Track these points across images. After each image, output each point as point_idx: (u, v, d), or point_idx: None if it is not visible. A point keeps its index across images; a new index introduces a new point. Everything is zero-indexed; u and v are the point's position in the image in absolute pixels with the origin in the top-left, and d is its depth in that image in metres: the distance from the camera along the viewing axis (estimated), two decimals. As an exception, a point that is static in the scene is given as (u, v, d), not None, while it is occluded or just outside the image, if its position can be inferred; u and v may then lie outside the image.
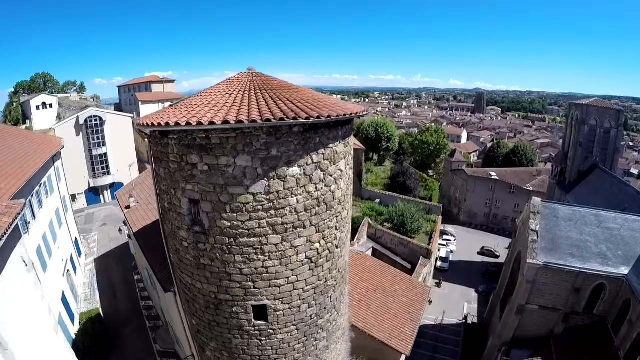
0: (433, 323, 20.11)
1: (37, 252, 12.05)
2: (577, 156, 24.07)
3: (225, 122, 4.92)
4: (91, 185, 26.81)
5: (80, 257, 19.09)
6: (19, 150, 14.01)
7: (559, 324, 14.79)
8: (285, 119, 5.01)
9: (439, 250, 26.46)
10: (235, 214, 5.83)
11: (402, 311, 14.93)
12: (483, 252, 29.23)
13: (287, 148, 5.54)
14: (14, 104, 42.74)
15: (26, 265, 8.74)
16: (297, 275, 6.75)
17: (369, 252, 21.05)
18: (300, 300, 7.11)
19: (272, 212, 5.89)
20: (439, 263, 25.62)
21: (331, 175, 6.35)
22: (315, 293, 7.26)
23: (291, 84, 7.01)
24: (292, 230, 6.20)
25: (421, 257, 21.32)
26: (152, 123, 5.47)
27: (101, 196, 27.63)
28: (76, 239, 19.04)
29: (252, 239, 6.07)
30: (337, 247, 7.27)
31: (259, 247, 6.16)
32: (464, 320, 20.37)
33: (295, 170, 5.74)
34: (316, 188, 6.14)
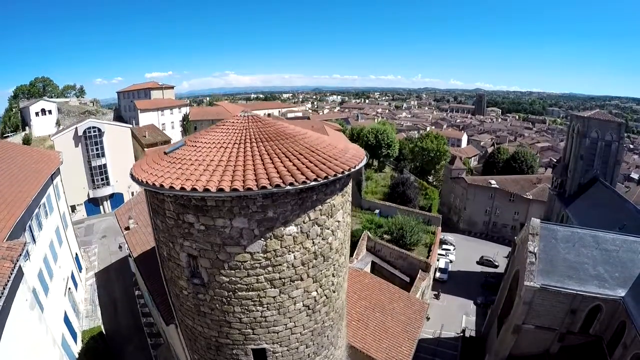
0: (431, 337, 20.28)
1: (39, 277, 12.08)
2: (577, 169, 23.98)
3: (220, 189, 4.92)
4: (91, 196, 26.85)
5: (80, 272, 19.17)
6: (17, 172, 13.94)
7: (554, 343, 14.94)
8: (281, 185, 5.02)
9: (438, 260, 26.54)
10: (233, 271, 5.88)
11: (400, 329, 15.06)
12: (482, 261, 29.28)
13: (283, 209, 5.56)
14: (13, 110, 42.65)
15: (30, 298, 8.80)
16: (294, 322, 6.83)
17: (368, 267, 21.16)
18: (297, 342, 7.20)
19: (270, 268, 5.93)
20: (437, 274, 25.66)
21: (328, 228, 6.37)
22: (312, 335, 7.35)
23: (288, 128, 6.84)
24: (290, 284, 6.25)
25: (420, 270, 21.42)
26: (147, 182, 5.47)
27: (101, 207, 27.69)
28: (76, 254, 19.11)
29: (250, 293, 6.13)
30: (334, 292, 7.33)
31: (257, 299, 6.22)
32: (461, 334, 20.55)
33: (292, 229, 5.77)
34: (313, 243, 6.17)
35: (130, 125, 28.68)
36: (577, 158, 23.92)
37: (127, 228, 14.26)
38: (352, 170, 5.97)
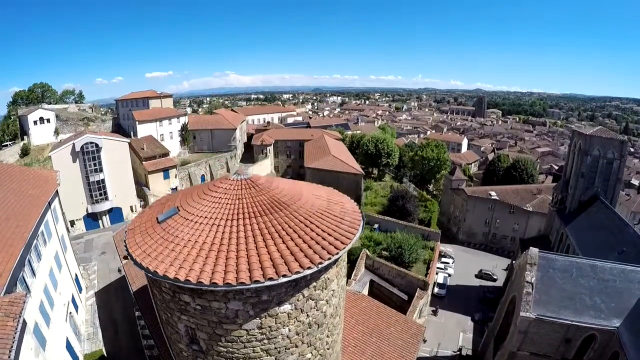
0: (428, 355, 20.47)
1: (40, 310, 12.07)
2: (578, 186, 23.82)
3: (214, 283, 4.93)
4: (89, 211, 26.80)
5: (80, 292, 19.25)
6: (14, 202, 13.64)
7: (550, 370, 15.07)
8: (274, 277, 5.02)
9: (437, 274, 26.60)
10: (230, 343, 5.93)
11: (397, 355, 15.17)
12: (481, 275, 29.29)
13: (277, 292, 5.58)
14: (12, 117, 42.51)
15: (34, 345, 8.81)
16: (290, 382, 6.89)
17: (367, 287, 21.25)
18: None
19: (265, 341, 5.97)
20: (436, 289, 25.69)
21: (322, 299, 6.39)
22: (308, 389, 7.41)
23: (282, 193, 6.61)
24: (285, 351, 6.30)
25: (418, 288, 21.54)
26: (141, 264, 5.50)
27: (100, 221, 27.70)
28: (76, 274, 19.16)
29: (246, 361, 6.18)
30: (328, 349, 7.38)
31: (253, 366, 6.26)
32: (458, 352, 20.75)
33: (286, 307, 5.79)
34: (307, 315, 6.19)
35: (128, 140, 28.44)
36: (578, 176, 23.76)
37: (126, 257, 14.24)
38: (348, 246, 5.96)
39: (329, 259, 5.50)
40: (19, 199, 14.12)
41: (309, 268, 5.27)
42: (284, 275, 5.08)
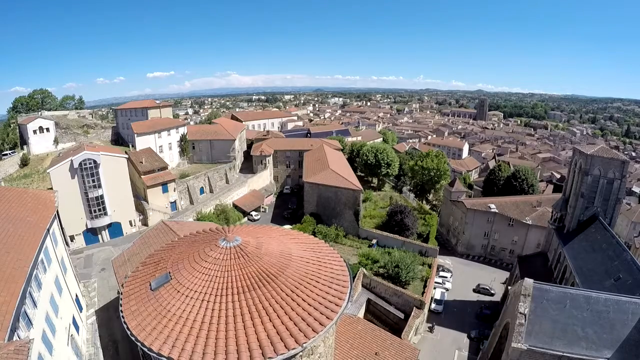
0: (423, 375, 20.62)
1: (43, 340, 12.18)
2: (577, 206, 23.65)
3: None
4: (89, 226, 26.98)
5: (81, 312, 19.45)
6: (12, 231, 13.63)
7: (542, 397, 15.20)
8: (261, 361, 5.13)
9: (434, 289, 26.69)
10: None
11: (392, 380, 15.38)
12: (479, 289, 29.28)
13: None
14: (11, 125, 42.73)
15: None
16: None
17: (363, 308, 21.41)
18: None
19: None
20: (433, 305, 25.70)
21: (311, 367, 6.52)
22: None
23: (270, 262, 6.66)
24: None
25: (414, 307, 21.70)
26: (137, 337, 5.66)
27: (99, 236, 27.92)
28: (76, 294, 19.34)
29: None
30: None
31: None
32: (453, 372, 20.90)
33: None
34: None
35: (126, 156, 28.49)
36: (578, 195, 23.60)
37: (123, 285, 14.38)
38: (334, 320, 6.05)
39: (314, 336, 5.62)
40: (17, 228, 14.15)
41: (294, 349, 5.38)
42: (270, 358, 5.20)
